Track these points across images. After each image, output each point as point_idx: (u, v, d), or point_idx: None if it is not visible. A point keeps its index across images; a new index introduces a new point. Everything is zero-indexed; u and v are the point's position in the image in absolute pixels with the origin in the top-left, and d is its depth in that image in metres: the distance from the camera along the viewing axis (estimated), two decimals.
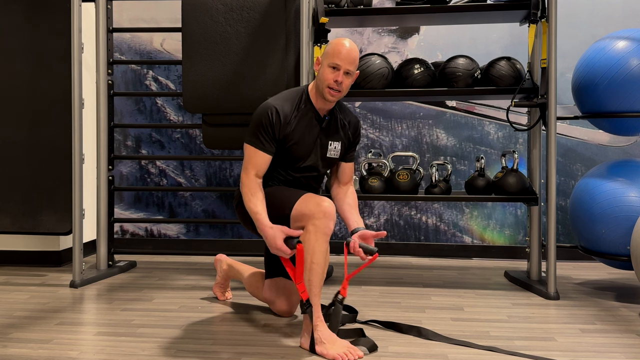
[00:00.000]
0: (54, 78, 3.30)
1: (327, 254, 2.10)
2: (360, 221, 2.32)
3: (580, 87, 2.99)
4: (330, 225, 2.08)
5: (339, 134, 2.39)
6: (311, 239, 2.06)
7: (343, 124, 2.40)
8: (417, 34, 3.85)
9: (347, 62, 2.21)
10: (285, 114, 2.25)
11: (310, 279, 2.06)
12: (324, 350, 1.99)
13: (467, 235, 3.84)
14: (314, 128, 2.31)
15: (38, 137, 3.35)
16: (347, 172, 2.46)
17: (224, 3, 3.07)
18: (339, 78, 2.21)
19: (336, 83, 2.21)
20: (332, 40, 2.28)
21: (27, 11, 3.35)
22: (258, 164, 2.24)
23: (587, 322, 2.42)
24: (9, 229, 3.38)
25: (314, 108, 2.32)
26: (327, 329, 2.05)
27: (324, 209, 2.07)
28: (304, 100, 2.31)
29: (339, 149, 2.39)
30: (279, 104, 2.26)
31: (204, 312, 2.55)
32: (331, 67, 2.21)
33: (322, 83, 2.24)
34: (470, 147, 3.82)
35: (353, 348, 1.99)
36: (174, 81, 4.01)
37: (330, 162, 2.41)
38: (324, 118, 2.33)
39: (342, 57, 2.20)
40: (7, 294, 2.89)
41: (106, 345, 2.13)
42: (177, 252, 3.88)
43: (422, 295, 2.84)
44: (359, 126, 2.48)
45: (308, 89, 2.35)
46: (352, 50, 2.22)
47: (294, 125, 2.27)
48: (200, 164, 4.01)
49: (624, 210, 2.76)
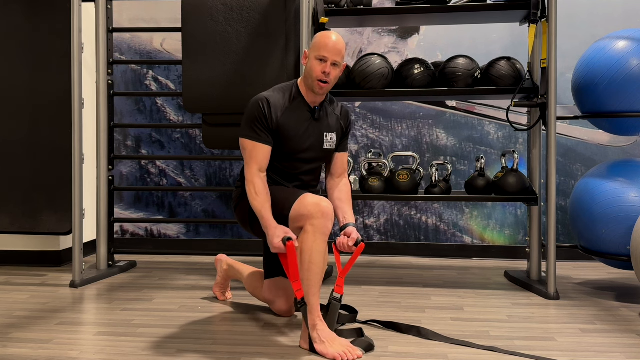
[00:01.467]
0: (54, 78, 3.30)
1: (326, 254, 2.10)
2: (351, 216, 2.31)
3: (580, 87, 2.99)
4: (329, 225, 2.08)
5: (333, 125, 2.40)
6: (309, 239, 2.06)
7: (335, 115, 2.42)
8: (417, 34, 3.85)
9: (334, 54, 2.23)
10: (277, 106, 2.26)
11: (308, 278, 2.06)
12: (324, 349, 1.99)
13: (467, 235, 3.84)
14: (307, 121, 2.32)
15: (38, 137, 3.35)
16: (340, 163, 2.45)
17: (224, 3, 3.07)
18: (326, 69, 2.23)
19: (324, 74, 2.23)
20: (318, 34, 2.31)
21: (27, 11, 3.35)
22: (259, 157, 2.23)
23: (587, 322, 2.42)
24: (9, 229, 3.38)
25: (305, 101, 2.33)
26: (327, 328, 2.05)
27: (322, 209, 2.07)
28: (294, 94, 2.33)
29: (335, 140, 2.40)
30: (269, 95, 2.28)
31: (204, 312, 2.55)
32: (318, 59, 2.24)
33: (311, 76, 2.26)
34: (470, 147, 3.82)
35: (352, 347, 1.99)
36: (174, 81, 4.01)
37: (328, 153, 2.41)
38: (315, 109, 2.34)
39: (329, 49, 2.23)
40: (7, 294, 2.89)
41: (106, 345, 2.13)
42: (177, 252, 3.88)
43: (422, 295, 2.84)
44: (349, 115, 2.50)
45: (298, 83, 2.36)
46: (338, 42, 2.25)
47: (286, 117, 2.27)
48: (200, 164, 4.01)
49: (624, 210, 2.76)
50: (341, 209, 2.33)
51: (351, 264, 2.19)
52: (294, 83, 2.38)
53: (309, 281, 2.06)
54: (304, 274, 2.06)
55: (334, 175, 2.46)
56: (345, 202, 2.37)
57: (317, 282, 2.07)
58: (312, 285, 2.06)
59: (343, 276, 2.17)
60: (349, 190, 2.42)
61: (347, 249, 2.20)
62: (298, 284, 2.09)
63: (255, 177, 2.20)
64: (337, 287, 2.15)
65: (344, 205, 2.35)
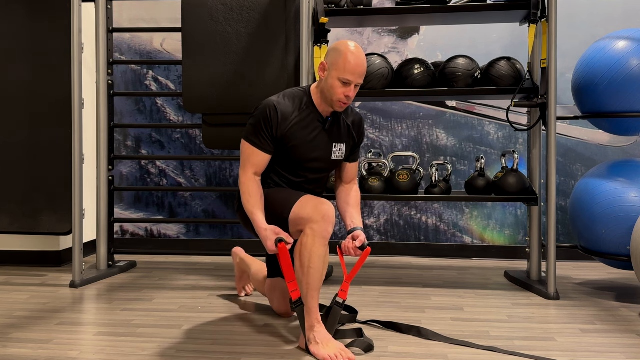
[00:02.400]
0: (54, 78, 3.30)
1: (326, 257, 2.07)
2: (359, 221, 2.30)
3: (580, 87, 2.99)
4: (329, 229, 2.05)
5: (343, 136, 2.35)
6: (309, 242, 2.03)
7: (347, 125, 2.36)
8: (417, 34, 3.85)
9: (358, 77, 2.15)
10: (285, 113, 2.21)
11: (307, 282, 2.04)
12: (316, 351, 1.99)
13: (467, 235, 3.84)
14: (317, 130, 2.27)
15: (38, 137, 3.35)
16: (350, 172, 2.43)
17: (224, 3, 3.08)
18: (350, 94, 2.17)
19: (347, 98, 2.17)
20: (339, 47, 2.18)
21: (27, 11, 3.35)
22: (256, 163, 2.21)
23: (587, 322, 2.42)
24: (9, 229, 3.38)
25: (317, 110, 2.27)
26: (324, 330, 2.04)
27: (323, 212, 2.04)
28: (306, 103, 2.26)
29: (344, 150, 2.36)
30: (280, 102, 2.22)
31: (204, 312, 2.55)
32: (342, 81, 2.14)
33: (331, 95, 2.18)
34: (470, 147, 3.82)
35: (345, 350, 1.98)
36: (174, 81, 4.01)
37: (335, 164, 2.38)
38: (326, 119, 2.29)
39: (356, 74, 2.14)
40: (7, 294, 2.89)
41: (106, 345, 2.13)
42: (177, 252, 3.88)
43: (422, 295, 2.84)
44: (363, 124, 2.43)
45: (311, 91, 2.30)
46: (363, 63, 2.16)
47: (295, 125, 2.22)
48: (200, 164, 4.01)
49: (624, 210, 2.76)
50: (349, 213, 2.32)
51: (358, 268, 2.17)
52: (306, 91, 2.30)
53: (308, 285, 2.04)
54: (303, 278, 2.05)
55: (344, 182, 2.43)
56: (353, 206, 2.35)
57: (317, 286, 2.05)
58: (311, 289, 2.04)
59: (349, 281, 2.15)
60: (359, 197, 2.40)
61: (352, 252, 2.18)
62: (293, 284, 2.08)
63: (250, 181, 2.19)
64: (342, 292, 2.14)
65: (352, 210, 2.33)
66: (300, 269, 2.06)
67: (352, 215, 2.31)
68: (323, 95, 2.23)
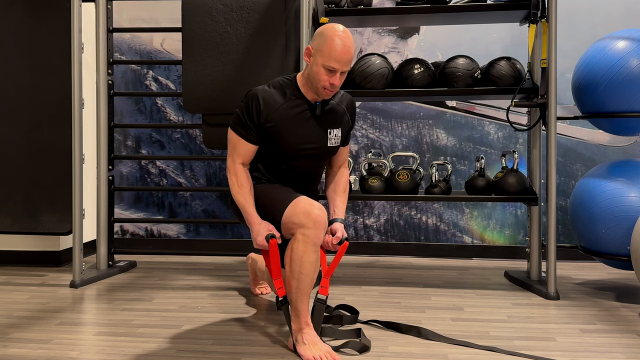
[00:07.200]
0: (54, 78, 3.29)
1: (317, 263, 2.05)
2: (342, 211, 2.27)
3: (580, 87, 2.99)
4: (320, 235, 2.03)
5: (338, 120, 2.28)
6: (300, 248, 2.01)
7: (340, 110, 2.29)
8: (417, 34, 3.85)
9: (344, 64, 2.09)
10: (270, 102, 2.15)
11: (297, 287, 2.03)
12: (302, 351, 2.00)
13: (467, 235, 3.84)
14: (307, 119, 2.21)
15: (38, 137, 3.35)
16: (341, 156, 2.38)
17: (224, 3, 3.07)
18: (336, 82, 2.11)
19: (332, 86, 2.12)
20: (325, 32, 2.10)
21: (27, 11, 3.35)
22: (243, 153, 2.19)
23: (587, 322, 2.42)
24: (9, 229, 3.38)
25: (304, 97, 2.20)
26: (313, 332, 2.04)
27: (314, 217, 2.01)
28: (292, 90, 2.20)
29: (339, 136, 2.29)
30: (265, 90, 2.17)
31: (204, 312, 2.55)
32: (327, 68, 2.08)
33: (316, 82, 2.12)
34: (470, 147, 3.82)
35: (332, 352, 1.98)
36: (174, 81, 4.01)
37: (332, 150, 2.31)
38: (315, 105, 2.21)
39: (341, 61, 2.07)
40: (7, 294, 2.89)
41: (106, 345, 2.13)
42: (177, 252, 3.88)
43: (422, 295, 2.84)
44: (354, 104, 2.37)
45: (297, 79, 2.22)
46: (350, 50, 2.08)
47: (280, 115, 2.16)
48: (200, 164, 4.01)
49: (624, 210, 2.76)
50: (333, 201, 2.30)
51: (336, 263, 2.16)
52: (292, 79, 2.23)
53: (298, 289, 2.03)
54: (293, 282, 2.04)
55: (333, 167, 2.40)
56: (338, 193, 2.31)
57: (307, 291, 2.05)
58: (302, 293, 2.04)
59: (328, 277, 2.15)
60: (346, 181, 2.36)
61: (330, 247, 2.17)
62: (279, 281, 2.08)
63: (238, 170, 2.18)
64: (322, 288, 2.13)
65: (336, 197, 2.30)
66: (290, 274, 2.04)
67: (337, 204, 2.29)
68: (309, 83, 2.17)
